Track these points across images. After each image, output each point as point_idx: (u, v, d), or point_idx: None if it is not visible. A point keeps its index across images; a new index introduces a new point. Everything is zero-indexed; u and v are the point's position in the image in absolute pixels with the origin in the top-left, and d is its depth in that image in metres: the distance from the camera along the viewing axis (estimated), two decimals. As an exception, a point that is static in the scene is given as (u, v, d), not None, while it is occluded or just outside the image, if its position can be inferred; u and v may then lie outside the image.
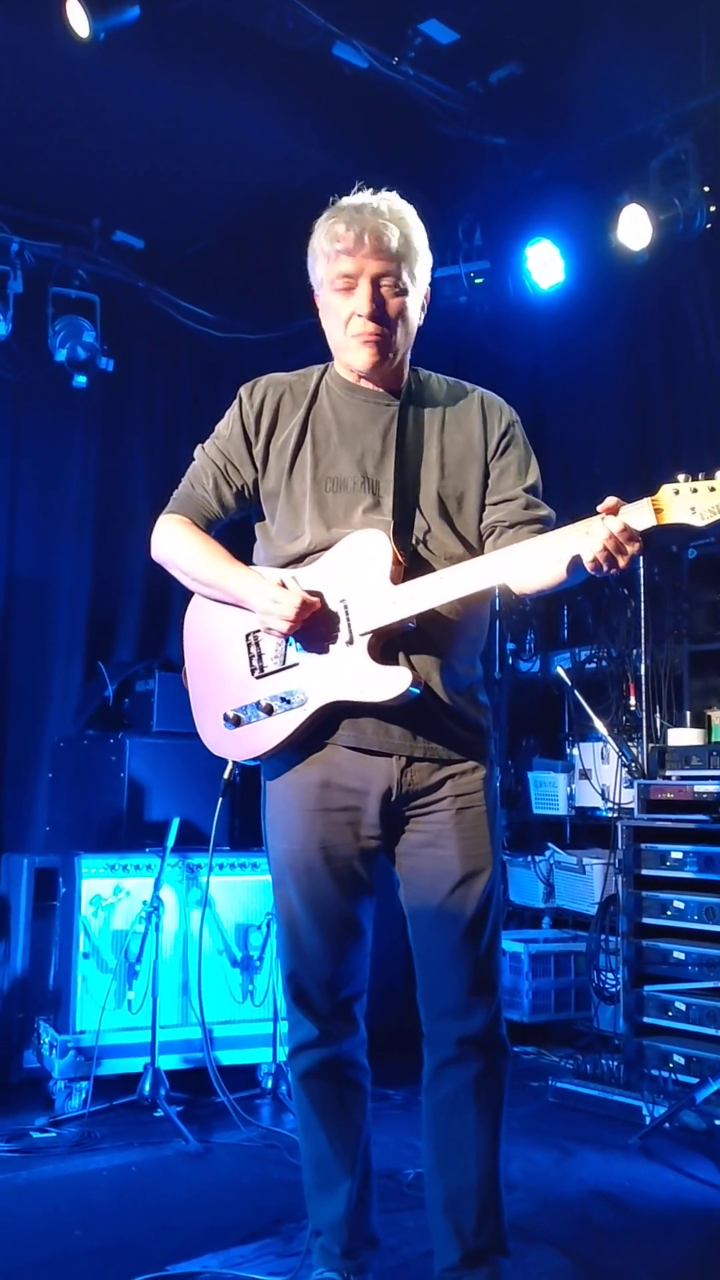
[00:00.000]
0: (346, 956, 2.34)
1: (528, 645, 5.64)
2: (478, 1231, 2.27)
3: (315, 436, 2.38)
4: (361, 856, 2.32)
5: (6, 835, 5.49)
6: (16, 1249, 2.83)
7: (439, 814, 2.31)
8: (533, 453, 2.46)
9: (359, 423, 2.38)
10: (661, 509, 2.08)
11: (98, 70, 4.48)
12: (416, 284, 2.34)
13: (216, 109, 4.77)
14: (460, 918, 2.28)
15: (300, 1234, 2.63)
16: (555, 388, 5.91)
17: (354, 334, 2.32)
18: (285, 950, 2.39)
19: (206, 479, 2.45)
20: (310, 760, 2.31)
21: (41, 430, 5.88)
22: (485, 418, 2.43)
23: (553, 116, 4.98)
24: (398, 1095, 4.00)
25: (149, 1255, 2.71)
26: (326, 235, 2.29)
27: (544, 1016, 4.92)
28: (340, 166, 4.88)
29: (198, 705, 2.46)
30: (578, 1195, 3.20)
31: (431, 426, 2.39)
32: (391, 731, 2.27)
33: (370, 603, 2.24)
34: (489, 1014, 2.30)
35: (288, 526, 2.38)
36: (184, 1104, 3.99)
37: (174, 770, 4.78)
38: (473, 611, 2.34)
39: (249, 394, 2.45)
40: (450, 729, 2.31)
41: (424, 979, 2.35)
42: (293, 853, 2.33)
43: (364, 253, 2.26)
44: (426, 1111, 2.36)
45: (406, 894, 2.37)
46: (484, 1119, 2.29)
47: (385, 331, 2.32)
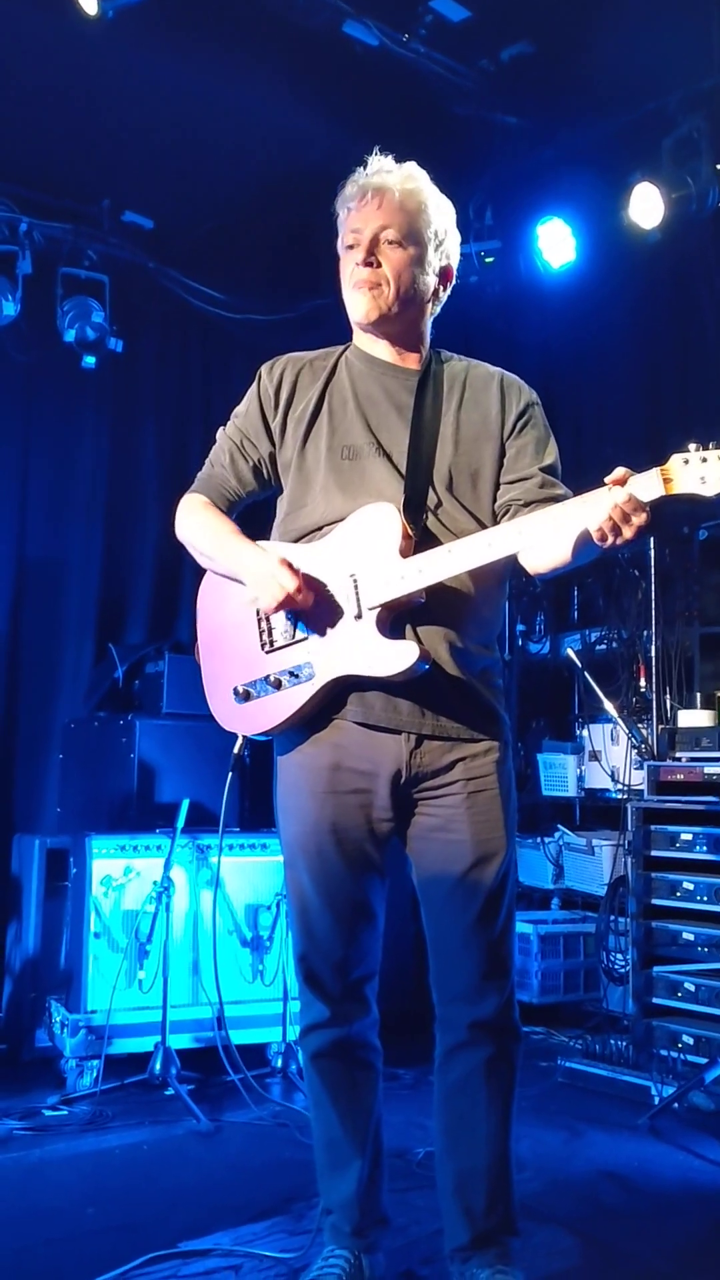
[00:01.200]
0: (358, 938, 2.34)
1: (538, 627, 5.63)
2: (488, 1213, 2.28)
3: (332, 407, 2.39)
4: (373, 839, 2.33)
5: (18, 816, 5.51)
6: (30, 1226, 2.85)
7: (450, 797, 2.30)
8: (552, 435, 2.45)
9: (377, 394, 2.38)
10: (670, 479, 2.06)
11: (107, 49, 4.46)
12: (421, 244, 2.35)
13: (226, 87, 4.74)
14: (473, 902, 2.28)
15: (311, 1212, 2.65)
16: (567, 367, 5.88)
17: (351, 280, 2.37)
18: (297, 932, 2.39)
19: (224, 456, 2.48)
20: (320, 741, 2.31)
21: (51, 411, 5.87)
22: (504, 397, 2.42)
23: (564, 95, 4.94)
24: (408, 1075, 4.02)
25: (161, 1233, 2.73)
26: (340, 200, 2.37)
27: (553, 997, 4.93)
28: (350, 145, 4.76)
29: (209, 680, 2.47)
30: (586, 1175, 3.21)
31: (449, 403, 2.39)
32: (400, 708, 2.26)
33: (379, 576, 2.24)
34: (502, 998, 2.30)
35: (300, 497, 2.38)
36: (194, 1083, 4.01)
37: (184, 751, 4.79)
38: (485, 590, 2.33)
39: (269, 371, 2.47)
40: (460, 707, 2.30)
41: (436, 962, 2.35)
42: (304, 835, 2.34)
43: (367, 209, 2.33)
44: (438, 1094, 2.37)
45: (419, 877, 2.37)
46: (495, 1102, 2.30)
47: (378, 279, 2.34)
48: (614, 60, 4.65)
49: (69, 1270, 2.51)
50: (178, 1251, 2.64)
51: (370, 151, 2.41)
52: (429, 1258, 2.59)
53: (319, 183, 2.43)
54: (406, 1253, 2.61)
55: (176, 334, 6.28)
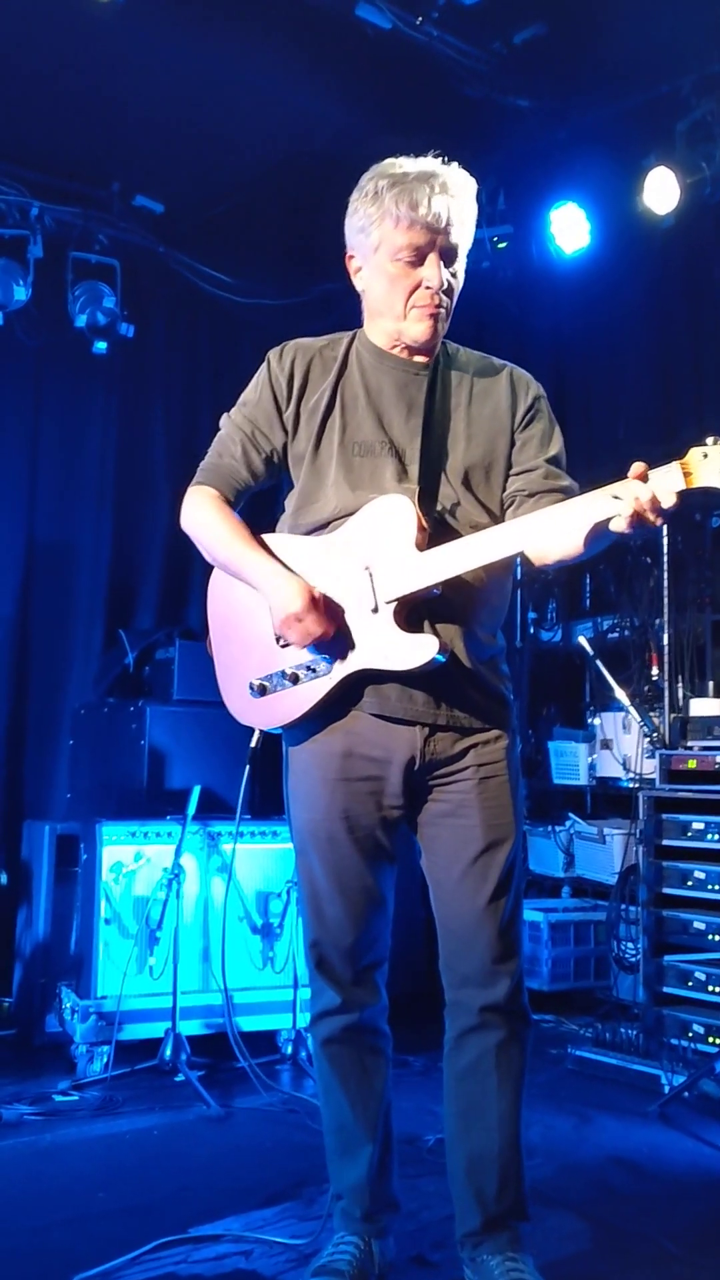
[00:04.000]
0: (368, 925, 2.35)
1: (549, 614, 5.62)
2: (499, 1197, 2.28)
3: (344, 402, 2.36)
4: (383, 826, 2.33)
5: (28, 802, 5.51)
6: (42, 1209, 2.86)
7: (461, 783, 2.31)
8: (558, 427, 2.45)
9: (388, 390, 2.36)
10: (690, 472, 2.05)
11: (117, 32, 4.44)
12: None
13: (238, 70, 4.71)
14: (483, 887, 2.28)
15: (321, 1198, 2.65)
16: (579, 353, 5.85)
17: (418, 305, 2.30)
18: (308, 919, 2.40)
19: (235, 446, 2.43)
20: (333, 729, 2.31)
21: (62, 396, 5.86)
22: (513, 390, 2.42)
23: (578, 78, 4.90)
24: (418, 1061, 4.03)
25: (172, 1217, 2.74)
26: (404, 202, 2.23)
27: (563, 985, 4.94)
28: (362, 129, 4.82)
29: (223, 673, 2.46)
30: (596, 1161, 3.21)
31: (460, 397, 2.38)
32: (415, 699, 2.26)
33: (395, 570, 2.23)
34: (511, 982, 2.30)
35: (312, 492, 2.36)
36: (205, 1069, 4.02)
37: (194, 738, 4.79)
38: (496, 579, 2.33)
39: (278, 358, 2.43)
40: (473, 697, 2.31)
41: (446, 947, 2.35)
42: (315, 822, 2.33)
43: (441, 228, 2.25)
44: (448, 1079, 2.37)
45: (429, 863, 2.37)
46: (505, 1086, 2.30)
47: (449, 305, 2.33)
48: (628, 43, 4.61)
49: (81, 1253, 2.52)
50: (189, 1237, 2.65)
51: (381, 135, 2.39)
52: (440, 1243, 2.59)
53: (330, 166, 2.42)
54: (417, 1238, 2.61)
55: (186, 318, 6.26)
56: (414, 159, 2.28)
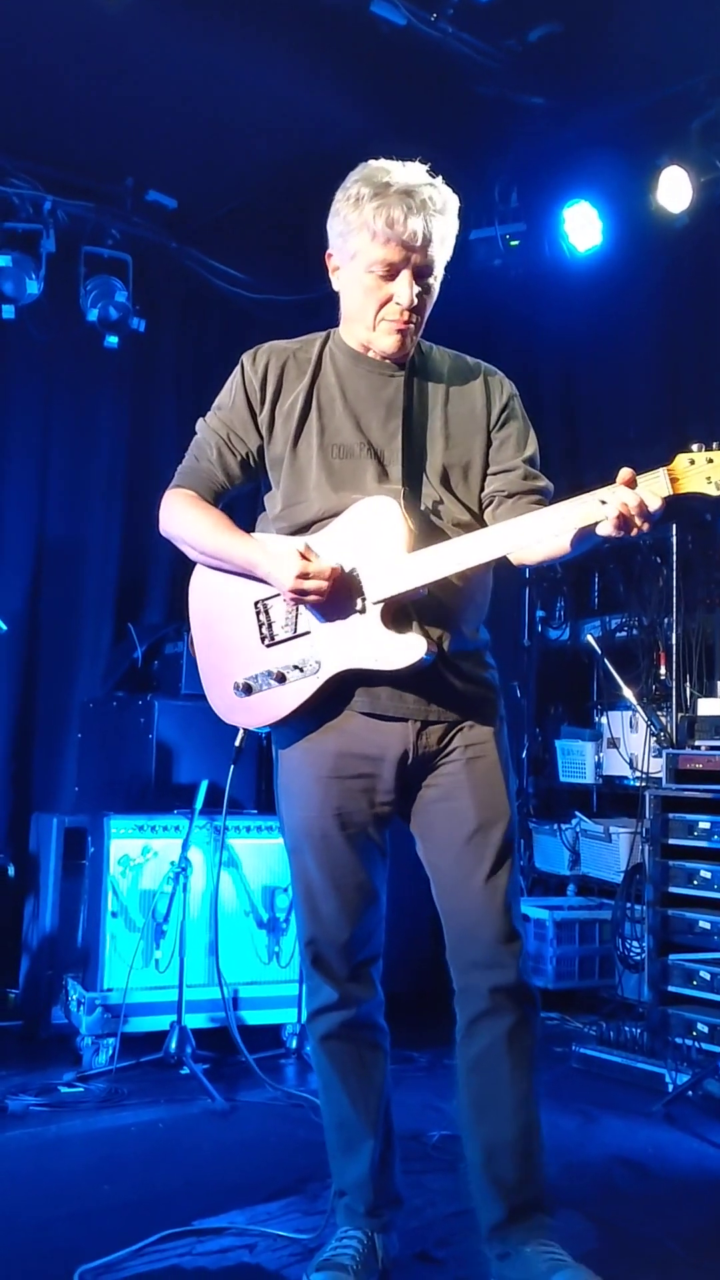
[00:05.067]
0: (362, 920, 2.37)
1: (558, 613, 5.61)
2: (520, 1185, 2.27)
3: (320, 404, 2.38)
4: (375, 821, 2.35)
5: (36, 795, 5.54)
6: (46, 1202, 2.87)
7: (450, 766, 2.33)
8: (531, 426, 2.48)
9: (364, 392, 2.38)
10: (678, 479, 2.10)
11: (131, 28, 4.44)
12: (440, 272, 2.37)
13: (251, 67, 4.71)
14: (480, 865, 2.30)
15: (325, 1193, 2.66)
16: (590, 351, 5.84)
17: (387, 319, 2.33)
18: (303, 916, 2.41)
19: (210, 450, 2.45)
20: (324, 728, 2.33)
21: (72, 391, 5.87)
22: (488, 389, 2.45)
23: (592, 76, 4.88)
24: (422, 1058, 4.02)
25: (176, 1210, 2.75)
26: (381, 218, 2.23)
27: (568, 983, 4.94)
28: (376, 126, 4.82)
29: (207, 673, 2.47)
30: (601, 1160, 3.21)
31: (436, 397, 2.40)
32: (405, 698, 2.29)
33: (383, 571, 2.25)
34: (518, 962, 2.31)
35: (294, 493, 2.38)
36: (210, 1062, 4.03)
37: (202, 733, 4.80)
38: (480, 578, 2.37)
39: (251, 361, 2.45)
40: (461, 691, 2.34)
41: (451, 933, 2.36)
42: (308, 820, 2.35)
43: (417, 246, 2.25)
44: (460, 1069, 2.36)
45: (425, 849, 2.39)
46: (519, 1071, 2.30)
47: (418, 321, 2.35)
48: (642, 41, 4.60)
49: (85, 1245, 2.53)
50: (192, 1229, 2.65)
51: (394, 132, 2.40)
52: (444, 1240, 2.60)
53: (343, 163, 2.39)
54: (422, 1234, 2.61)
55: (197, 314, 6.26)
56: (402, 166, 2.28)
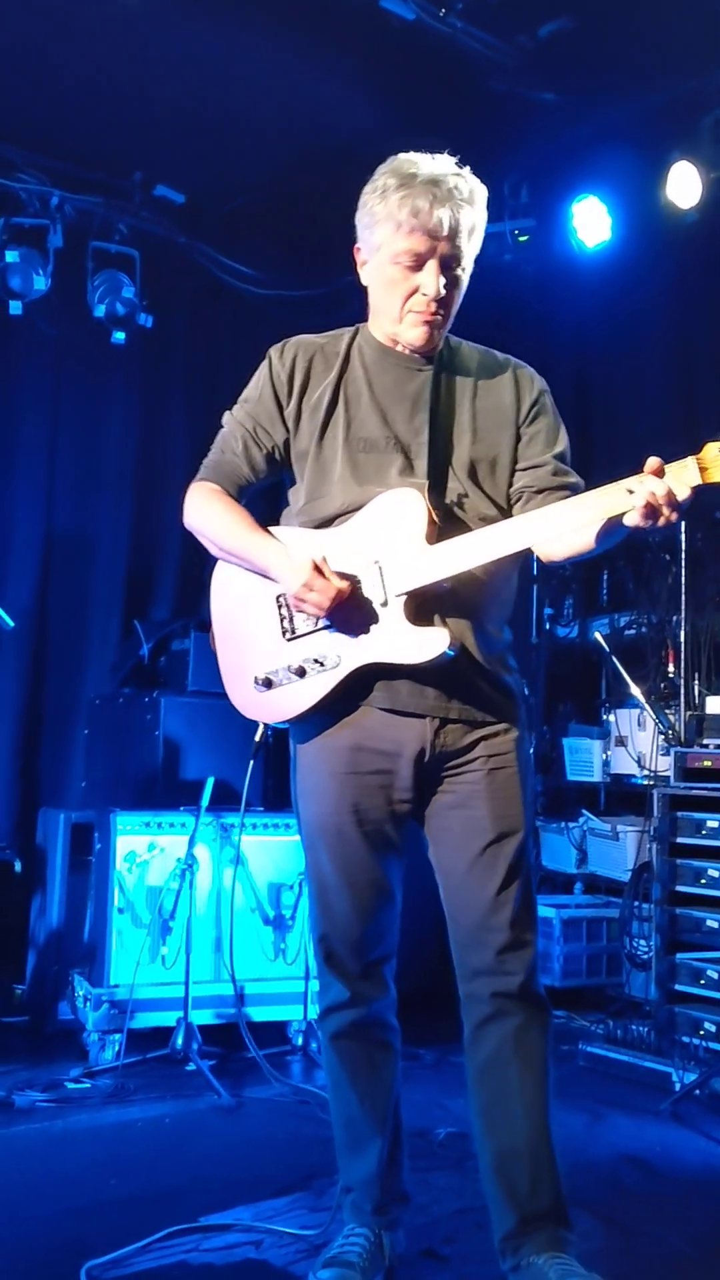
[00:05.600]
0: (376, 919, 2.34)
1: (566, 610, 5.60)
2: (532, 1193, 2.23)
3: (347, 398, 2.36)
4: (392, 819, 2.33)
5: (44, 790, 5.54)
6: (53, 1197, 2.87)
7: (470, 775, 2.30)
8: (561, 422, 2.45)
9: (391, 386, 2.36)
10: (707, 467, 2.05)
11: (140, 22, 4.44)
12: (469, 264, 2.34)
13: (261, 61, 4.70)
14: (491, 878, 2.28)
15: (331, 1189, 2.65)
16: (600, 347, 5.83)
17: (414, 310, 2.30)
18: (316, 913, 2.39)
19: (236, 443, 2.43)
20: (342, 724, 2.30)
21: (80, 386, 5.87)
22: (517, 384, 2.42)
23: (602, 72, 4.87)
24: (428, 1055, 4.03)
25: (183, 1206, 2.74)
26: (406, 208, 2.21)
27: (575, 981, 4.93)
28: (386, 121, 4.81)
29: (226, 667, 2.45)
30: (608, 1159, 3.21)
31: (464, 392, 2.38)
32: (426, 693, 2.26)
33: (405, 563, 2.22)
34: (524, 972, 2.28)
35: (318, 487, 2.36)
36: (216, 1059, 4.03)
37: (209, 729, 4.80)
38: (505, 573, 2.34)
39: (279, 355, 2.43)
40: (483, 691, 2.31)
41: (457, 940, 2.34)
42: (324, 816, 2.33)
43: (443, 236, 2.23)
44: (470, 1077, 2.33)
45: (437, 855, 2.36)
46: (528, 1074, 2.26)
47: (445, 313, 2.32)
48: (652, 37, 4.59)
49: (92, 1240, 2.53)
50: (199, 1225, 2.65)
51: (404, 127, 2.38)
52: (450, 1237, 2.59)
53: (353, 158, 2.39)
54: (428, 1231, 2.61)
55: (206, 309, 6.26)
56: (430, 158, 2.26)
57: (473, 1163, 2.66)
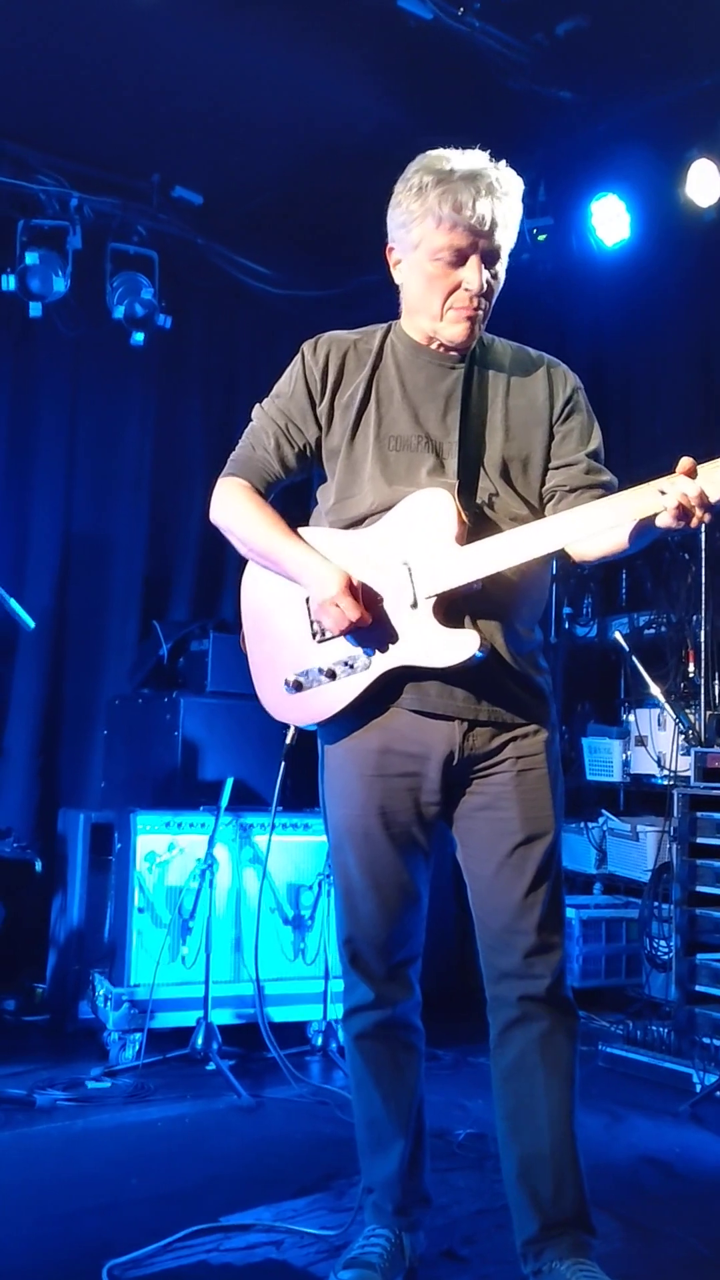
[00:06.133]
0: (402, 921, 2.33)
1: (585, 610, 5.59)
2: (556, 1199, 2.21)
3: (379, 396, 2.34)
4: (420, 822, 2.31)
5: (63, 790, 5.56)
6: (76, 1194, 2.88)
7: (499, 776, 2.29)
8: (595, 420, 2.43)
9: (423, 384, 2.34)
10: None
11: (158, 23, 4.45)
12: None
13: (278, 62, 4.71)
14: (519, 880, 2.26)
15: (351, 1190, 2.66)
16: (618, 346, 5.81)
17: (456, 306, 2.27)
18: (342, 914, 2.38)
19: (267, 439, 2.41)
20: (370, 725, 2.29)
21: (99, 387, 5.88)
22: (550, 382, 2.39)
23: (620, 69, 4.85)
24: (448, 1056, 4.03)
25: (203, 1206, 2.75)
26: (447, 203, 2.17)
27: (594, 982, 4.92)
28: (402, 121, 4.81)
29: (256, 669, 2.44)
30: (628, 1160, 3.20)
31: (496, 390, 2.36)
32: (455, 695, 2.24)
33: (435, 565, 2.20)
34: (552, 976, 2.26)
35: (348, 486, 2.34)
36: (236, 1058, 4.04)
37: (228, 730, 4.81)
38: (535, 574, 2.31)
39: (312, 351, 2.40)
40: (513, 693, 2.29)
41: (484, 942, 2.33)
42: (351, 818, 2.32)
43: (484, 231, 2.20)
44: (495, 1082, 2.32)
45: (465, 856, 2.35)
46: (554, 1079, 2.25)
47: (487, 307, 2.30)
48: (670, 34, 4.57)
49: (114, 1239, 2.54)
50: (220, 1225, 2.66)
51: (421, 127, 2.37)
52: (470, 1238, 2.59)
53: (370, 159, 2.40)
54: (448, 1232, 2.61)
55: (224, 310, 6.27)
56: (462, 153, 2.23)
57: (492, 1163, 2.66)
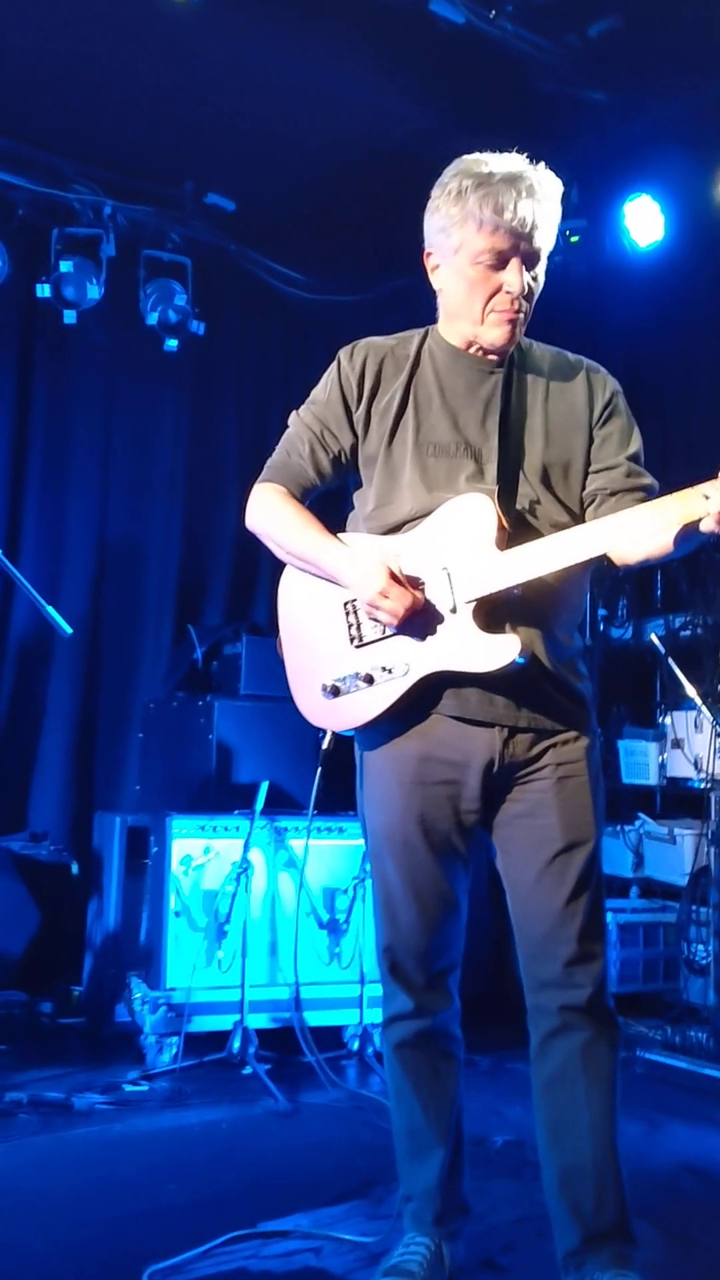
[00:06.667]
0: (441, 930, 2.32)
1: (620, 611, 5.56)
2: (598, 1210, 2.19)
3: (418, 401, 2.33)
4: (459, 830, 2.30)
5: (99, 794, 5.59)
6: (115, 1199, 2.89)
7: (539, 783, 2.27)
8: (635, 423, 2.41)
9: (462, 390, 2.33)
10: None
11: (191, 31, 4.47)
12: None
13: (310, 68, 4.71)
14: (560, 888, 2.24)
15: (389, 1197, 2.65)
16: (653, 348, 5.77)
17: (497, 309, 2.26)
18: (381, 923, 2.37)
19: (303, 445, 2.40)
20: (410, 732, 2.28)
21: (133, 394, 5.92)
22: (590, 387, 2.38)
23: (653, 70, 4.82)
24: (484, 1061, 4.01)
25: (241, 1212, 2.75)
26: (488, 206, 2.17)
27: (631, 987, 4.88)
28: (435, 125, 4.79)
29: (294, 675, 2.44)
30: (667, 1167, 3.18)
31: (535, 394, 2.34)
32: (495, 702, 2.23)
33: (475, 570, 2.19)
34: (593, 986, 2.24)
35: (386, 493, 2.33)
36: (272, 1063, 4.04)
37: (262, 733, 4.82)
38: (575, 579, 2.29)
39: (348, 357, 2.39)
40: (554, 699, 2.27)
41: (524, 951, 2.30)
42: (390, 825, 2.31)
43: (525, 233, 2.19)
44: (536, 1092, 2.30)
45: (504, 864, 2.34)
46: (595, 1090, 2.23)
47: (527, 310, 2.29)
48: (704, 34, 4.53)
49: (154, 1244, 2.54)
50: (258, 1232, 2.66)
51: (454, 131, 2.36)
52: (509, 1246, 2.58)
53: (402, 163, 2.40)
54: (486, 1240, 2.59)
55: (256, 316, 6.28)
56: (500, 156, 2.22)
57: (530, 1170, 2.65)
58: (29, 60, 4.74)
